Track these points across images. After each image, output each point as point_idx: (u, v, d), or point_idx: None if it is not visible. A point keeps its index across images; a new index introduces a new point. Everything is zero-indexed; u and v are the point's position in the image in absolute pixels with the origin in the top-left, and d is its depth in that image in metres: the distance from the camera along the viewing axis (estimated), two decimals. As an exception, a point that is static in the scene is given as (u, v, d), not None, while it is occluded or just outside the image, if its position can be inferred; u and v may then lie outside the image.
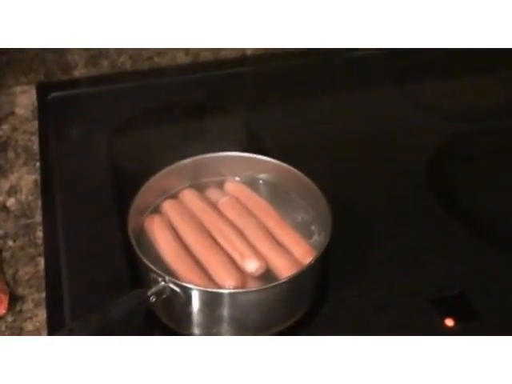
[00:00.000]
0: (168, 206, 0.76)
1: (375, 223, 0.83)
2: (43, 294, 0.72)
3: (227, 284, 0.66)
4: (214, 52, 1.18)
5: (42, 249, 0.77)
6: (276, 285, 0.64)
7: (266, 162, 0.79)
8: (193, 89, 1.09)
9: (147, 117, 1.01)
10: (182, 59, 1.17)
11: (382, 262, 0.78)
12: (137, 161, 0.89)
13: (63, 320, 0.70)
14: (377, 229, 0.82)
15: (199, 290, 0.63)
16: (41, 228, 0.80)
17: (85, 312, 0.64)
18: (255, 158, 0.80)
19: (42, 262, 0.76)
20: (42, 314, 0.70)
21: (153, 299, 0.63)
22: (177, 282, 0.63)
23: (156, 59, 1.16)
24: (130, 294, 0.63)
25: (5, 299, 0.70)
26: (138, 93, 1.09)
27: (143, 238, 0.73)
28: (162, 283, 0.64)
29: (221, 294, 0.64)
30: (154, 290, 0.63)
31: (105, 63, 1.14)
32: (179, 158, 0.79)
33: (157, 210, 0.77)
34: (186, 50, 1.16)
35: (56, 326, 0.66)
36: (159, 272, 0.64)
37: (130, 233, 0.68)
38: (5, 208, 0.85)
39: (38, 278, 0.74)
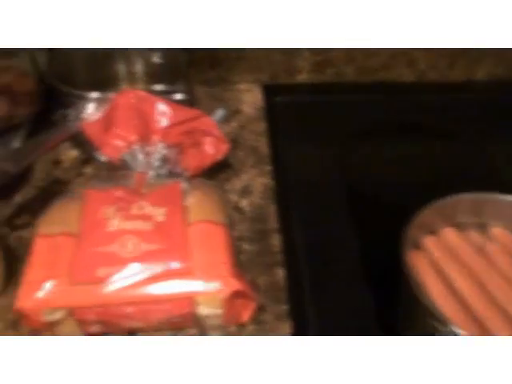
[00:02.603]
0: (430, 243, 0.72)
1: None
2: (284, 307, 0.70)
3: None
4: (441, 74, 1.13)
5: (278, 258, 0.75)
6: None
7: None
8: (419, 109, 1.05)
9: (377, 133, 0.98)
10: (408, 77, 1.14)
11: None
12: (372, 181, 0.88)
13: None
14: None
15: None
16: (275, 236, 0.78)
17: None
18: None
19: (279, 272, 0.74)
20: (283, 328, 0.68)
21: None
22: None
23: (381, 73, 1.13)
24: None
25: (251, 307, 0.68)
26: (360, 106, 1.07)
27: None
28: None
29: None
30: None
31: (329, 71, 1.12)
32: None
33: (417, 246, 0.73)
34: (413, 69, 1.13)
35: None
36: (443, 320, 0.60)
37: (410, 272, 0.64)
38: (238, 209, 0.84)
39: (276, 289, 0.72)
